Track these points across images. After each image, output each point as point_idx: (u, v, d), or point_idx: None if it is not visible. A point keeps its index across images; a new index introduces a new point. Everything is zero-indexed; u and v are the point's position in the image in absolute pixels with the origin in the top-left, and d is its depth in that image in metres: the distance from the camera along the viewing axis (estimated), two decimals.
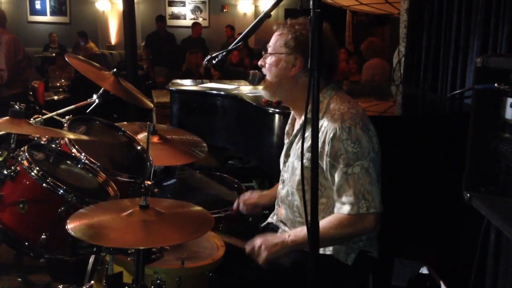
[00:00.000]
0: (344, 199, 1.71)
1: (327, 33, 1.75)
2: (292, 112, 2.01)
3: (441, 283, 2.48)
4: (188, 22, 11.88)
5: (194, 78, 6.04)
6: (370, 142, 1.73)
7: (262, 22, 1.83)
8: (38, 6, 11.68)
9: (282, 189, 1.98)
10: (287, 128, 2.02)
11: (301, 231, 1.76)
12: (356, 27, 9.59)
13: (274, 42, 1.87)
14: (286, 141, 2.00)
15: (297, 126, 1.95)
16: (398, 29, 4.41)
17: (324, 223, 1.72)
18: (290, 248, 1.77)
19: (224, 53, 1.89)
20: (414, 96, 3.72)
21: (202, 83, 4.14)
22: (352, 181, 1.70)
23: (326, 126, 1.75)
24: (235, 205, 2.23)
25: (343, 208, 1.72)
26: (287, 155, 1.95)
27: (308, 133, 1.52)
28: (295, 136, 1.93)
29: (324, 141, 1.73)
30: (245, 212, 2.20)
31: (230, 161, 4.80)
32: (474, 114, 1.54)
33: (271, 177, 3.43)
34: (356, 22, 9.61)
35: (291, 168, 1.90)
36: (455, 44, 3.16)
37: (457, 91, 3.02)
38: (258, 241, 1.78)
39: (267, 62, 1.88)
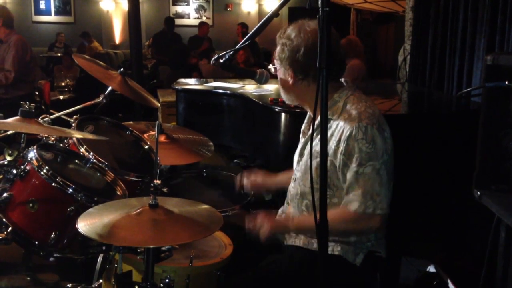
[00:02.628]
0: (352, 196, 1.72)
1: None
2: (308, 112, 2.02)
3: (449, 281, 2.47)
4: (192, 21, 11.89)
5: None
6: (384, 144, 1.73)
7: (270, 22, 1.83)
8: (42, 6, 11.71)
9: (292, 188, 1.99)
10: (303, 127, 2.03)
11: (306, 219, 1.79)
12: (360, 25, 9.57)
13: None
14: (301, 140, 2.01)
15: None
16: (403, 27, 4.39)
17: (332, 213, 1.72)
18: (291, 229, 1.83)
19: (231, 52, 1.89)
20: (420, 94, 3.71)
21: (207, 82, 4.15)
22: (362, 181, 1.70)
23: (342, 125, 1.76)
24: (237, 181, 2.26)
25: (350, 205, 1.73)
26: (302, 154, 1.96)
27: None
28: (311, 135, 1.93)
29: (339, 140, 1.74)
30: (249, 191, 2.26)
31: (235, 160, 4.80)
32: (484, 112, 1.54)
33: None
34: (361, 20, 9.59)
35: (304, 167, 1.90)
36: (461, 42, 3.15)
37: (467, 90, 3.01)
38: (260, 219, 1.82)
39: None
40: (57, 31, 10.99)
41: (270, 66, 1.99)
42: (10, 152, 1.80)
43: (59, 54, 9.76)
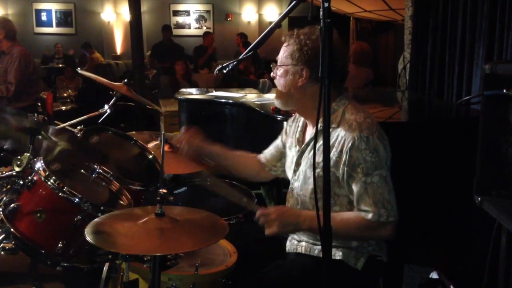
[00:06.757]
0: (364, 207, 1.74)
1: (334, 40, 1.77)
2: (301, 119, 2.02)
3: (452, 287, 2.48)
4: (193, 31, 11.99)
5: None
6: (386, 151, 1.76)
7: (272, 32, 1.87)
8: (44, 17, 11.82)
9: (291, 197, 1.99)
10: (297, 135, 2.00)
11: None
12: (360, 34, 9.62)
13: (282, 53, 1.88)
14: (296, 148, 1.99)
15: (308, 134, 1.95)
16: (402, 35, 4.43)
17: (346, 216, 1.75)
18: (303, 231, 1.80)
19: (234, 62, 1.93)
20: (420, 102, 3.74)
21: (208, 91, 4.18)
22: (371, 190, 1.72)
23: (343, 135, 1.76)
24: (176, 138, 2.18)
25: (363, 214, 1.74)
26: (298, 164, 1.95)
27: (321, 143, 1.53)
28: (307, 144, 1.92)
29: (341, 151, 1.75)
30: (184, 152, 2.19)
31: None
32: (483, 120, 1.57)
33: (279, 184, 3.44)
34: (360, 29, 9.64)
35: (303, 177, 1.90)
36: (460, 50, 3.18)
37: (466, 98, 3.04)
38: (273, 214, 1.77)
39: (277, 74, 1.90)
40: (58, 42, 11.06)
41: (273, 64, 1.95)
42: (18, 163, 1.82)
43: (56, 65, 9.82)
